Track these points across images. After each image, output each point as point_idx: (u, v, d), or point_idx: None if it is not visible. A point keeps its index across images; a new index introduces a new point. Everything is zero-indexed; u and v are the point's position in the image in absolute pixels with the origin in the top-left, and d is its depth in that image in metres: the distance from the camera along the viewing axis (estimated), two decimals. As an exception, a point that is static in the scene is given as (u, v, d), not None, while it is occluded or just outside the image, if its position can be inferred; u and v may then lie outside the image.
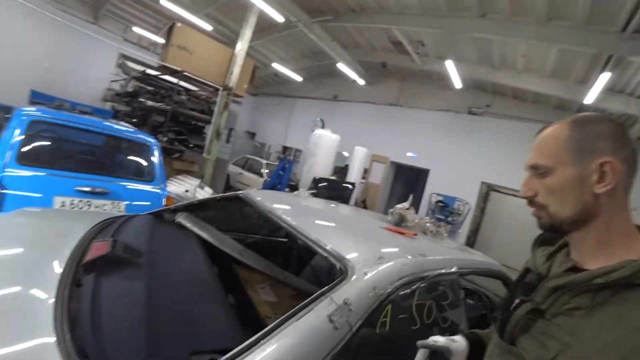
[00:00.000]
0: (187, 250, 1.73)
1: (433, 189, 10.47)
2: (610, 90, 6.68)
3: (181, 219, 2.05)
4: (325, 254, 1.25)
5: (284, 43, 11.24)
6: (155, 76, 7.20)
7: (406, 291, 1.22)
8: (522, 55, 7.24)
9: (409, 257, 1.33)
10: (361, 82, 11.52)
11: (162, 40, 8.52)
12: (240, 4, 7.95)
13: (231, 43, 8.22)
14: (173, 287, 1.29)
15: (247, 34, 7.27)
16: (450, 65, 7.72)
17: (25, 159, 2.76)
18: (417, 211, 2.31)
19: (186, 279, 1.41)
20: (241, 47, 7.22)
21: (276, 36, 10.47)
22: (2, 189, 2.54)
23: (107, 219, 1.84)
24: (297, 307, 0.96)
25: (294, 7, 7.72)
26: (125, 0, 10.46)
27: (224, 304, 1.33)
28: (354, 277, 1.09)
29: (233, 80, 7.20)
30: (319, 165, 9.72)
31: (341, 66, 10.38)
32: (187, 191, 5.40)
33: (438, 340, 0.96)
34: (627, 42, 5.11)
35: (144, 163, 3.63)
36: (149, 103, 6.88)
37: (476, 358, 0.92)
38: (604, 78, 5.75)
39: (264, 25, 9.63)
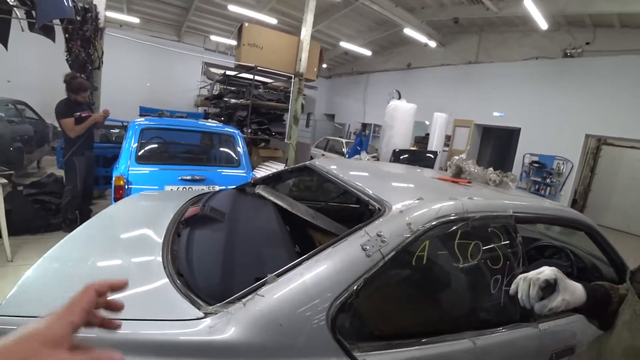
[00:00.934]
0: (263, 213, 2.03)
1: (526, 148, 9.43)
2: None
3: (260, 190, 2.36)
4: (367, 199, 1.41)
5: (348, 20, 11.18)
6: (234, 76, 7.93)
7: (446, 230, 1.30)
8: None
9: (452, 199, 1.40)
10: (433, 44, 10.87)
11: (235, 42, 9.27)
12: (300, -10, 8.17)
13: (296, 31, 8.52)
14: (247, 236, 1.61)
15: (309, 19, 7.49)
16: (530, 5, 6.80)
17: (142, 159, 3.47)
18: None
19: (259, 231, 1.72)
20: (305, 32, 7.48)
21: (339, 15, 10.48)
22: (129, 184, 3.25)
23: (202, 194, 2.27)
24: (336, 239, 1.16)
25: (351, -19, 7.65)
26: (199, 14, 11.62)
27: (290, 250, 1.60)
28: (389, 214, 1.23)
29: (302, 66, 7.53)
30: (397, 137, 9.57)
31: (409, 31, 9.93)
32: (272, 175, 5.94)
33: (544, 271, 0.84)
34: None
35: (231, 152, 4.17)
36: (232, 101, 7.65)
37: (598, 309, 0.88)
38: None
39: (325, 7, 9.73)
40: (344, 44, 11.82)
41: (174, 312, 0.98)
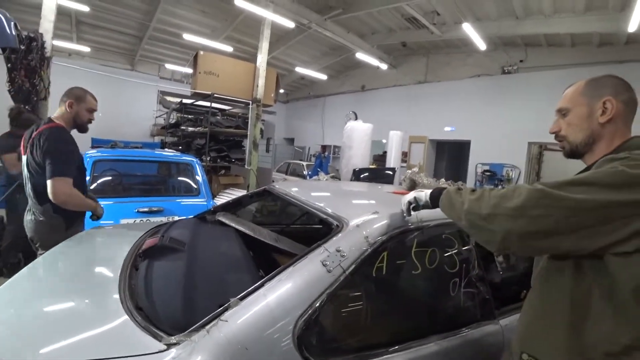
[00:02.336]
0: (224, 239, 1.99)
1: (477, 159, 10.09)
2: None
3: (220, 216, 2.32)
4: (325, 217, 1.44)
5: (302, 46, 11.56)
6: (191, 104, 7.85)
7: (402, 240, 1.36)
8: (547, -3, 6.77)
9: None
10: (385, 66, 11.47)
11: (190, 70, 9.24)
12: (254, 20, 8.37)
13: (252, 58, 8.67)
14: (209, 264, 1.58)
15: (264, 46, 7.66)
16: (469, 28, 7.47)
17: (95, 194, 3.30)
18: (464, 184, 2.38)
19: (221, 258, 1.69)
20: (261, 59, 7.62)
21: (293, 42, 10.82)
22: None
23: (160, 224, 2.20)
24: (296, 257, 1.17)
25: (303, 10, 7.97)
26: (153, 43, 11.49)
27: (254, 274, 1.58)
28: (346, 230, 1.27)
29: (260, 92, 7.62)
30: (357, 156, 9.83)
31: (362, 55, 10.43)
32: (234, 202, 5.84)
33: None
34: None
35: (190, 180, 4.07)
36: (190, 129, 7.53)
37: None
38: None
39: (280, 34, 10.01)
40: (300, 69, 12.15)
41: (136, 347, 0.94)
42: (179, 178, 4.35)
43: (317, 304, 1.04)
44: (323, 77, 13.19)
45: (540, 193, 0.86)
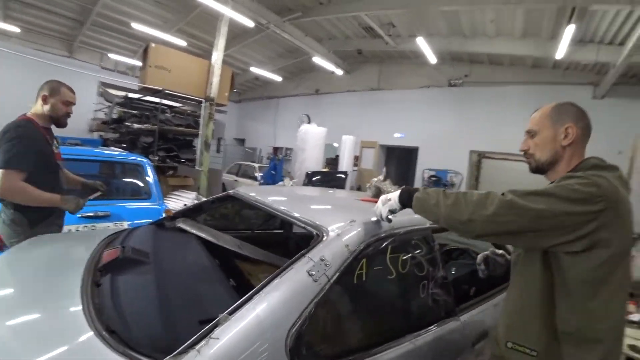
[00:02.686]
0: (189, 248, 1.89)
1: (425, 165, 10.69)
2: (580, 42, 6.89)
3: (180, 223, 2.20)
4: (304, 225, 1.44)
5: (259, 46, 11.39)
6: (138, 99, 7.34)
7: (378, 247, 1.41)
8: (491, 21, 7.40)
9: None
10: (340, 72, 11.69)
11: (139, 63, 8.66)
12: (210, 15, 8.08)
13: (207, 54, 8.36)
14: (179, 276, 1.48)
15: (220, 43, 7.42)
16: (422, 42, 7.89)
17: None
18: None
19: (190, 270, 1.60)
20: (217, 57, 7.37)
21: (250, 41, 10.62)
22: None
23: (114, 233, 2.02)
24: (281, 268, 1.15)
25: (263, 10, 7.86)
26: (96, 29, 10.57)
27: (226, 285, 1.52)
28: (327, 239, 1.28)
29: (213, 90, 7.35)
30: (310, 159, 9.91)
31: (318, 60, 10.53)
32: (185, 205, 5.53)
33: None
34: None
35: (139, 182, 3.79)
36: (136, 126, 7.02)
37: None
38: (570, 30, 5.92)
39: (237, 32, 9.77)
40: (255, 69, 11.96)
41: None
42: (127, 179, 4.03)
43: (306, 314, 1.04)
44: (278, 78, 13.11)
45: (509, 204, 1.05)
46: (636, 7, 5.06)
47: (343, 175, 9.39)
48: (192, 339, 0.92)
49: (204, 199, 5.99)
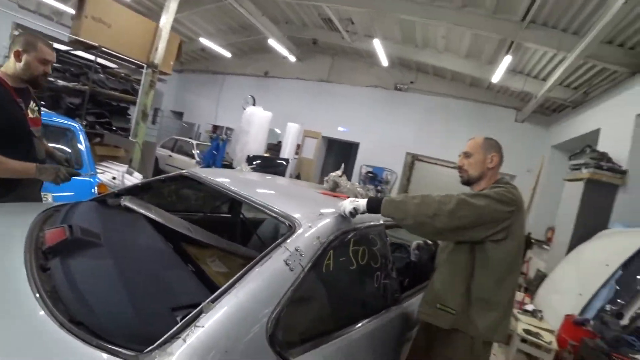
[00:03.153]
0: (140, 230, 1.77)
1: (363, 160, 11.15)
2: (512, 71, 7.75)
3: (127, 202, 2.02)
4: (275, 215, 1.47)
5: (212, 16, 10.70)
6: (66, 52, 6.47)
7: (343, 240, 1.50)
8: (442, 37, 7.91)
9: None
10: (292, 58, 11.56)
11: (71, 10, 7.61)
12: (161, -28, 7.37)
13: (152, 15, 7.66)
14: (137, 261, 1.39)
15: (172, 6, 6.83)
16: (377, 44, 8.16)
17: None
18: (349, 182, 2.65)
19: (146, 253, 1.52)
20: (166, 20, 6.77)
21: (204, 9, 9.94)
22: None
23: (48, 209, 1.82)
24: (258, 257, 1.17)
25: (221, -22, 7.41)
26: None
27: (187, 270, 1.49)
28: (301, 230, 1.33)
29: (158, 56, 6.79)
30: (252, 143, 9.74)
31: (272, 42, 10.29)
32: (114, 178, 5.05)
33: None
34: (525, 30, 5.92)
35: (68, 150, 3.41)
36: (60, 83, 6.20)
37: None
38: (507, 60, 6.64)
39: (189, -3, 9.07)
40: (204, 41, 11.26)
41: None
42: (54, 146, 3.58)
43: (284, 301, 1.09)
44: (227, 54, 12.51)
45: (463, 201, 1.45)
46: (560, 52, 5.84)
47: (284, 163, 9.38)
48: (176, 327, 0.91)
49: (138, 175, 5.59)
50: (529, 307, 3.97)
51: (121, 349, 0.86)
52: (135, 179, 5.38)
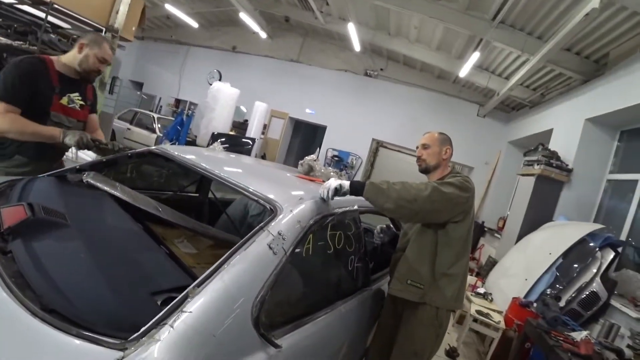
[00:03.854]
0: (106, 209, 1.66)
1: (329, 144, 11.20)
2: (479, 67, 8.04)
3: (90, 178, 1.90)
4: (256, 198, 1.45)
5: (178, -18, 10.02)
6: (10, 5, 5.80)
7: (322, 224, 1.51)
8: (415, 27, 7.98)
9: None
10: (263, 34, 11.17)
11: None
12: None
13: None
14: (108, 242, 1.32)
15: (134, -34, 6.30)
16: (351, 28, 8.07)
17: None
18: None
19: (117, 234, 1.44)
20: (128, -19, 6.25)
21: (169, -28, 9.27)
22: None
23: (1, 184, 1.66)
24: (242, 241, 1.16)
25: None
26: None
27: (161, 252, 1.44)
28: (283, 214, 1.33)
29: (119, 20, 6.26)
30: (218, 119, 9.43)
31: (243, 16, 9.84)
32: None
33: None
34: (494, 29, 6.12)
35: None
36: (3, 40, 5.57)
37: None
38: (475, 57, 6.87)
39: (154, -43, 8.41)
40: (170, 7, 10.52)
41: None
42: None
43: (268, 284, 1.09)
44: (194, 24, 11.82)
45: (436, 190, 1.66)
46: (524, 54, 6.14)
47: (250, 142, 9.16)
48: (161, 313, 0.88)
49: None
50: (481, 290, 4.28)
51: (103, 337, 0.82)
52: (92, 153, 5.02)
